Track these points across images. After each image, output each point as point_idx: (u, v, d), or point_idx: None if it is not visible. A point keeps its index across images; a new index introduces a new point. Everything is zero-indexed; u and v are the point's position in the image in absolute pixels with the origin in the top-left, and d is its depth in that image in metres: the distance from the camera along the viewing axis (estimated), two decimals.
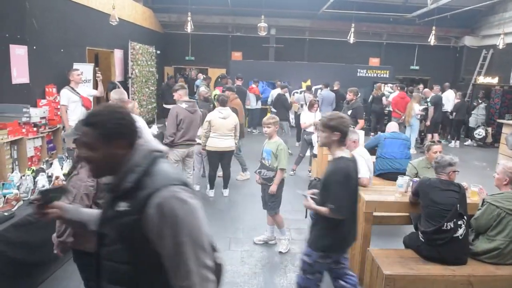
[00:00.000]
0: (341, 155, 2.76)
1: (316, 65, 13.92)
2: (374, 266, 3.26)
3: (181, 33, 13.04)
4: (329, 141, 2.76)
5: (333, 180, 2.70)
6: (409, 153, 5.36)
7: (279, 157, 4.21)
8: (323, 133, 2.76)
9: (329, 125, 2.72)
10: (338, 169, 2.72)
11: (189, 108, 5.14)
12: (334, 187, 2.68)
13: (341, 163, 2.74)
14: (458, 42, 15.50)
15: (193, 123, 5.18)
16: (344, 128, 2.75)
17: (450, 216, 3.11)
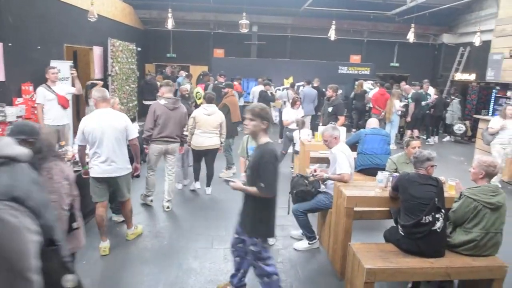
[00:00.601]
0: (267, 141, 3.00)
1: (298, 62, 13.99)
2: (355, 260, 3.31)
3: (162, 30, 12.89)
4: (258, 129, 2.94)
5: (263, 161, 2.88)
6: (389, 148, 5.45)
7: None
8: (253, 122, 2.92)
9: (260, 115, 2.93)
10: (268, 151, 2.93)
11: (168, 105, 5.10)
12: (264, 167, 2.86)
13: (270, 146, 2.97)
14: (436, 40, 15.79)
15: (171, 120, 5.12)
16: (270, 118, 3.07)
17: (428, 210, 3.18)
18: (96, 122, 3.93)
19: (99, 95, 4.04)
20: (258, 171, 2.89)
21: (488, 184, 3.32)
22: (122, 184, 4.14)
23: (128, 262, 4.07)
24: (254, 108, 2.97)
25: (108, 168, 3.98)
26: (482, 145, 7.73)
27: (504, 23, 8.09)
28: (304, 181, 4.29)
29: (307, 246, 4.43)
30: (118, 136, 4.00)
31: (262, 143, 2.98)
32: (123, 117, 4.15)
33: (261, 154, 2.93)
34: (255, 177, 2.92)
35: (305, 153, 6.20)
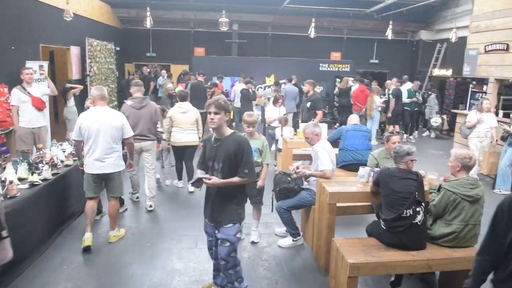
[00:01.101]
0: (232, 131, 3.07)
1: (279, 60, 14.02)
2: (339, 255, 3.33)
3: (141, 29, 12.70)
4: (223, 122, 2.98)
5: (242, 149, 2.95)
6: (370, 144, 5.52)
7: (264, 153, 4.29)
8: (218, 115, 2.93)
9: (224, 107, 2.96)
10: (243, 138, 3.04)
11: (135, 105, 5.16)
12: (245, 155, 2.95)
13: (240, 135, 3.09)
14: (414, 36, 16.07)
15: (141, 119, 5.16)
16: (230, 110, 3.14)
17: (409, 204, 3.23)
18: (93, 119, 4.07)
19: (98, 93, 4.17)
20: (238, 159, 2.95)
21: (467, 177, 3.39)
22: (114, 180, 4.28)
23: (111, 265, 4.00)
24: (218, 101, 2.97)
25: (101, 164, 4.12)
26: (460, 139, 7.91)
27: (479, 19, 8.28)
28: (287, 178, 4.30)
29: (291, 243, 4.44)
30: (114, 133, 4.14)
31: (228, 134, 3.03)
32: (120, 116, 4.30)
33: (237, 143, 2.97)
34: (233, 166, 2.96)
35: (287, 150, 6.22)
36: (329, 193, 3.65)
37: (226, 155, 2.95)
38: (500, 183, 6.61)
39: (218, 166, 3.00)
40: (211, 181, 2.95)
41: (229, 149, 2.95)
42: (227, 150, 2.96)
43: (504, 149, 6.67)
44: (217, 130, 3.02)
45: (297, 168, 4.31)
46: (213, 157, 3.04)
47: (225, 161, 2.96)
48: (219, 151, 3.00)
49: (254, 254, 4.29)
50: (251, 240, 4.50)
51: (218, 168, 3.00)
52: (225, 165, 2.97)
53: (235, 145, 2.95)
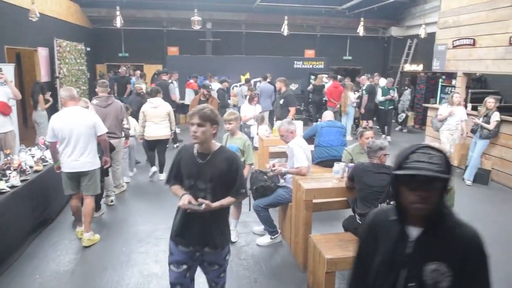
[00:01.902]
0: (219, 144, 2.66)
1: (254, 58, 14.01)
2: (316, 251, 3.36)
3: (112, 29, 12.43)
4: (209, 136, 2.50)
5: (236, 167, 2.59)
6: (344, 140, 5.58)
7: (247, 153, 4.25)
8: (202, 127, 2.44)
9: (211, 118, 2.49)
10: (235, 156, 2.67)
11: (100, 104, 5.37)
12: (239, 173, 2.61)
13: (230, 151, 2.76)
14: (385, 33, 16.39)
15: (107, 117, 5.27)
16: (220, 121, 2.67)
17: (383, 197, 3.28)
18: (65, 120, 4.13)
19: (67, 94, 4.22)
20: (232, 178, 2.56)
21: None
22: (91, 178, 4.32)
23: (86, 271, 3.90)
24: (204, 110, 2.48)
25: (77, 163, 4.18)
26: (432, 132, 8.11)
27: (446, 15, 8.51)
28: (263, 177, 4.30)
29: (269, 241, 4.45)
30: (87, 132, 4.20)
31: (217, 149, 2.59)
32: (92, 114, 4.41)
33: (229, 160, 2.56)
34: (225, 187, 2.56)
35: (263, 148, 6.22)
36: (305, 190, 3.67)
37: (217, 174, 2.53)
38: (469, 173, 6.83)
39: (206, 185, 2.53)
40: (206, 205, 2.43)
41: (220, 168, 2.53)
42: (218, 169, 2.53)
43: (473, 141, 6.90)
44: (201, 145, 2.55)
45: (273, 166, 4.31)
46: (197, 175, 2.55)
47: (216, 181, 2.53)
48: (207, 169, 2.53)
49: (233, 253, 4.22)
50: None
51: (207, 188, 2.53)
52: (216, 186, 2.54)
53: (227, 164, 2.54)
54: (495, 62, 7.10)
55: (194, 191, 2.54)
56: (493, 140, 6.84)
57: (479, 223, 4.85)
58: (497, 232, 4.93)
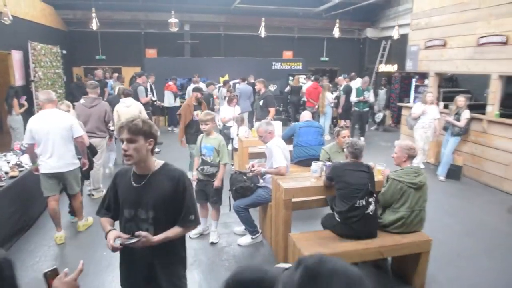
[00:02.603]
0: (161, 162, 2.19)
1: (233, 59, 14.05)
2: (296, 250, 3.43)
3: (89, 31, 12.20)
4: (144, 153, 2.06)
5: (183, 188, 2.13)
6: (322, 139, 5.69)
7: (221, 153, 4.29)
8: (133, 144, 2.02)
9: (143, 131, 2.04)
10: (180, 174, 2.16)
11: (86, 104, 5.64)
12: (187, 195, 2.15)
13: (174, 168, 2.20)
14: (361, 34, 16.70)
15: (91, 117, 5.60)
16: (156, 133, 2.14)
17: (362, 194, 3.38)
18: (42, 122, 4.20)
19: (45, 97, 4.30)
20: (178, 202, 2.12)
21: (410, 166, 3.62)
22: (70, 178, 4.42)
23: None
24: (134, 122, 2.02)
25: (56, 164, 4.26)
26: (407, 130, 8.34)
27: (418, 17, 8.77)
28: (243, 177, 4.35)
29: (250, 241, 4.50)
30: (63, 134, 4.26)
31: (158, 168, 2.14)
32: (68, 117, 4.45)
33: (174, 179, 2.11)
34: (171, 213, 2.11)
35: (243, 149, 6.28)
36: (284, 189, 3.73)
37: (160, 200, 2.08)
38: (442, 169, 7.07)
39: (147, 215, 2.08)
40: (143, 241, 1.97)
41: (163, 190, 2.08)
42: (160, 193, 2.08)
43: (446, 138, 7.14)
44: (137, 165, 2.11)
45: (252, 167, 4.37)
46: (136, 203, 2.10)
47: (158, 208, 2.08)
48: (146, 193, 2.09)
49: (214, 255, 4.30)
50: (210, 241, 4.51)
51: (148, 218, 2.08)
52: (159, 214, 2.09)
53: (172, 185, 2.09)
54: (464, 62, 7.38)
55: (137, 223, 2.10)
56: (464, 137, 7.10)
57: (452, 217, 5.09)
58: (469, 225, 5.13)
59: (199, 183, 4.46)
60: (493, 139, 6.69)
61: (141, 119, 2.06)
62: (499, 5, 6.56)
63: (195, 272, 3.93)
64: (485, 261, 4.20)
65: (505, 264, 4.16)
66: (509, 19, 6.37)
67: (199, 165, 4.38)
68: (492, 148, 6.72)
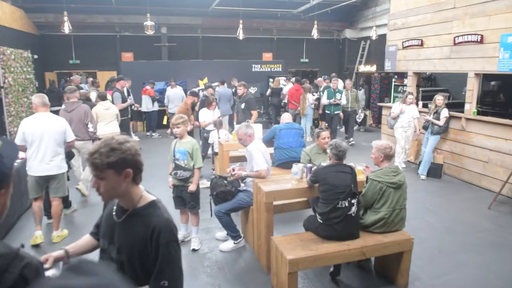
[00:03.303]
0: (151, 199, 1.73)
1: (212, 62, 13.94)
2: (278, 252, 3.35)
3: (61, 35, 11.90)
4: (122, 185, 1.61)
5: (156, 244, 1.61)
6: (303, 141, 5.64)
7: (195, 156, 4.19)
8: (104, 180, 1.57)
9: (114, 162, 1.56)
10: (164, 224, 1.64)
11: (66, 108, 5.75)
12: (160, 252, 1.61)
13: (160, 213, 1.69)
14: (340, 35, 16.86)
15: (71, 121, 5.50)
16: (134, 156, 1.62)
17: (345, 196, 3.33)
18: (36, 125, 4.31)
19: (39, 100, 4.42)
20: (150, 257, 1.63)
21: (389, 166, 3.59)
22: (58, 181, 4.51)
23: None
24: (95, 156, 1.55)
25: (46, 166, 4.35)
26: (387, 130, 8.39)
27: (396, 17, 8.86)
28: (223, 181, 4.26)
29: (232, 246, 4.40)
30: (57, 138, 4.39)
31: (143, 205, 1.69)
32: (63, 121, 4.56)
33: (152, 227, 1.62)
34: (143, 266, 1.65)
35: (223, 153, 6.17)
36: (265, 193, 3.66)
37: (127, 246, 1.66)
38: (422, 168, 7.13)
39: (119, 257, 1.68)
40: None
41: (133, 237, 1.65)
42: (129, 237, 1.66)
43: (426, 137, 7.20)
44: (119, 199, 1.72)
45: (232, 170, 4.27)
46: (110, 237, 1.74)
47: (125, 255, 1.66)
48: (120, 232, 1.70)
49: (196, 261, 4.18)
50: (191, 248, 4.38)
51: (118, 259, 1.69)
52: (125, 261, 1.66)
53: (143, 234, 1.62)
54: (442, 61, 7.47)
55: (107, 257, 1.75)
56: (443, 135, 7.18)
57: (433, 215, 5.10)
58: (450, 222, 5.16)
59: (175, 189, 4.37)
60: (472, 137, 6.78)
61: (114, 142, 1.57)
62: (474, 5, 6.66)
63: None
64: (465, 257, 4.22)
65: (485, 259, 4.18)
66: (483, 18, 6.48)
67: (172, 170, 4.27)
68: (471, 145, 6.81)
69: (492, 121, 6.50)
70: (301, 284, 3.63)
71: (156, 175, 6.73)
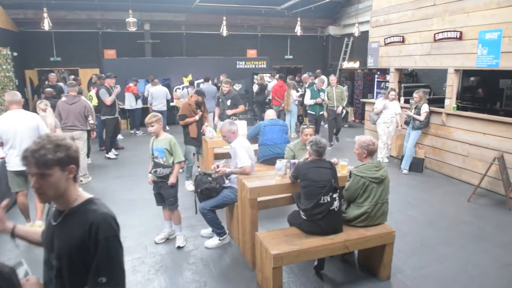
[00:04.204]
0: (88, 196, 1.66)
1: (196, 59, 13.85)
2: (262, 248, 3.37)
3: (41, 32, 11.61)
4: (64, 185, 1.56)
5: (95, 240, 1.53)
6: (287, 137, 5.66)
7: (174, 152, 4.20)
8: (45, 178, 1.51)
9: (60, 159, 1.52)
10: (96, 219, 1.55)
11: (67, 101, 6.50)
12: (99, 249, 1.53)
13: (98, 210, 1.59)
14: (323, 32, 16.95)
15: (71, 113, 6.45)
16: (76, 153, 1.59)
17: (326, 191, 3.37)
18: (9, 122, 4.47)
19: (10, 98, 4.56)
20: (87, 256, 1.53)
21: (372, 161, 3.65)
22: None
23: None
24: (42, 152, 1.49)
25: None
26: (371, 126, 8.50)
27: (378, 14, 8.96)
28: (208, 178, 4.25)
29: (218, 242, 4.41)
30: (30, 133, 4.49)
31: (77, 204, 1.61)
32: (35, 117, 4.71)
33: (86, 226, 1.53)
34: (81, 270, 1.54)
35: (208, 150, 6.16)
36: (249, 189, 3.67)
37: (65, 248, 1.55)
38: (405, 163, 7.25)
39: (59, 263, 1.58)
40: None
41: (70, 237, 1.55)
42: (66, 238, 1.56)
43: (407, 132, 7.33)
44: (55, 201, 1.62)
45: (217, 167, 4.28)
46: (50, 245, 1.64)
47: (63, 259, 1.56)
48: (57, 236, 1.61)
49: (181, 259, 4.17)
50: (176, 245, 4.38)
51: (58, 265, 1.59)
52: (64, 266, 1.56)
53: (81, 231, 1.53)
54: (423, 58, 7.59)
55: (48, 269, 1.64)
56: (424, 130, 7.31)
57: (415, 209, 5.20)
58: (431, 216, 5.27)
59: (155, 186, 4.37)
60: (452, 132, 6.92)
61: (54, 143, 1.52)
62: (453, 2, 6.78)
63: (162, 278, 3.79)
64: (446, 249, 4.32)
65: (465, 251, 4.29)
66: (462, 15, 6.61)
67: (152, 168, 4.26)
68: (451, 140, 6.96)
69: (471, 116, 6.65)
70: (286, 279, 3.67)
71: (140, 173, 6.69)
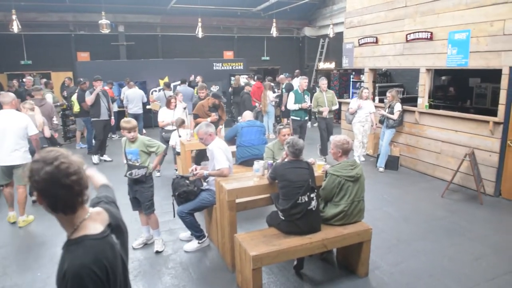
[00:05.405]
0: (83, 231, 1.45)
1: (172, 61, 13.72)
2: (241, 249, 3.37)
3: (10, 34, 11.26)
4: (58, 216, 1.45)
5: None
6: (265, 138, 5.70)
7: (153, 147, 4.19)
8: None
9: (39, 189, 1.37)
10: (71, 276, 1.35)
11: (36, 104, 6.43)
12: None
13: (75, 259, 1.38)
14: (299, 33, 17.11)
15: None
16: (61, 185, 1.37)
17: (303, 191, 3.40)
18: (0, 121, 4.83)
19: (3, 99, 4.97)
20: None
21: (347, 160, 3.70)
22: (20, 171, 4.90)
23: (6, 273, 3.53)
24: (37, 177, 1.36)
25: (10, 158, 4.88)
26: (347, 125, 8.63)
27: (351, 15, 9.11)
28: (185, 181, 4.22)
29: (197, 246, 4.37)
30: (19, 132, 4.89)
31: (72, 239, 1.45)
32: (24, 117, 5.05)
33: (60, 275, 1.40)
34: None
35: (185, 152, 6.11)
36: (227, 191, 3.66)
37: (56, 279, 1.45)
38: (380, 161, 7.39)
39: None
40: None
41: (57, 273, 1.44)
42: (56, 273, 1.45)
43: (382, 131, 7.47)
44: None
45: (194, 170, 4.24)
46: None
47: None
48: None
49: (160, 263, 4.12)
50: (155, 250, 4.32)
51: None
52: None
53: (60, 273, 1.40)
54: (396, 58, 7.76)
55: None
56: (398, 128, 7.48)
57: (391, 206, 5.29)
58: (407, 212, 5.39)
59: (130, 191, 4.32)
60: (425, 129, 7.11)
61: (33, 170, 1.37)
62: (423, 3, 6.97)
63: (140, 283, 3.73)
64: (422, 245, 4.42)
65: (440, 245, 4.41)
66: (433, 16, 6.79)
67: (127, 171, 4.18)
68: (424, 138, 7.14)
69: (443, 114, 6.85)
70: (265, 280, 3.68)
71: (115, 178, 6.56)
